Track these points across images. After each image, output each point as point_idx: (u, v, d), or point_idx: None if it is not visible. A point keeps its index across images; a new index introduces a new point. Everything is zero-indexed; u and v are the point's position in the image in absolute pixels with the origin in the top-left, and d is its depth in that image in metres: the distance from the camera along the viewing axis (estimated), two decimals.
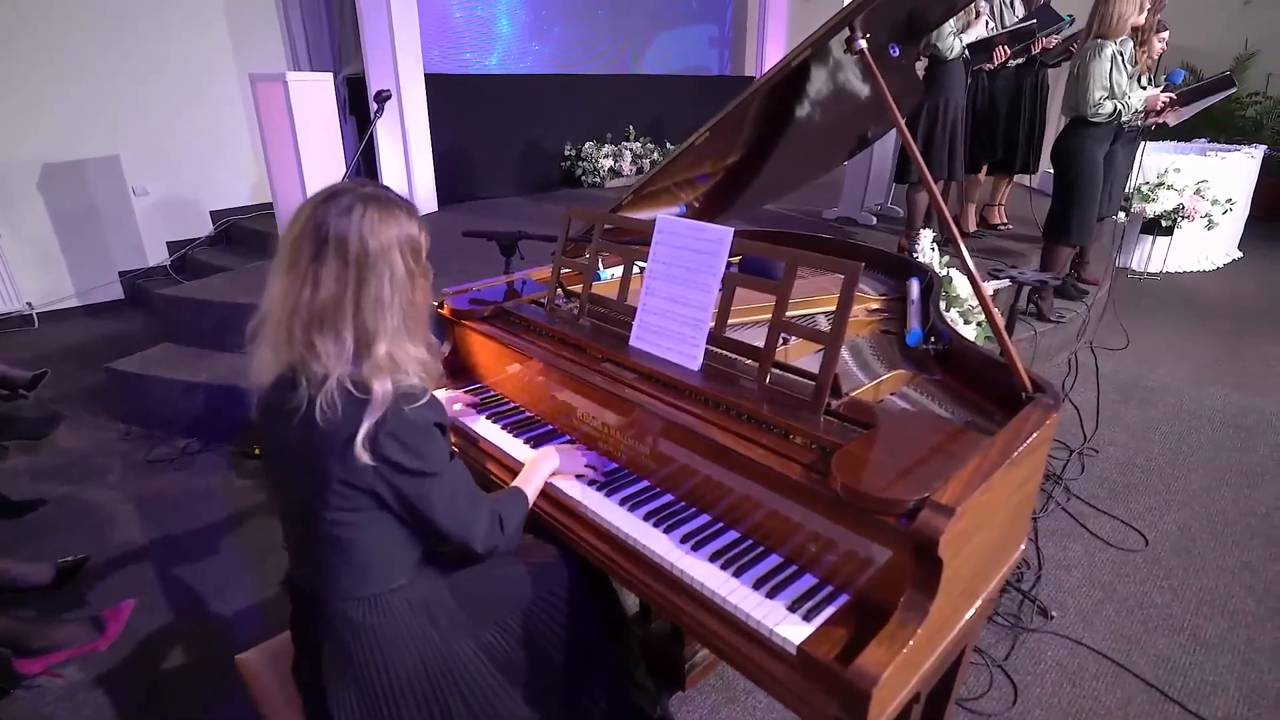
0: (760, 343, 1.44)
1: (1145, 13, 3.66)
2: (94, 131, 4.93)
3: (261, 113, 3.95)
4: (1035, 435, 1.24)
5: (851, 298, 1.31)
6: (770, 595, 1.20)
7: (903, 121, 1.54)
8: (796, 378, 1.46)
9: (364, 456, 1.08)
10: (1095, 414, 3.40)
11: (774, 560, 1.29)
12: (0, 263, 4.76)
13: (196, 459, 3.20)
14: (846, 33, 1.57)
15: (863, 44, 1.53)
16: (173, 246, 5.39)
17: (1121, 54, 3.57)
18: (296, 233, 1.12)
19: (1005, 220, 5.41)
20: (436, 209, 5.62)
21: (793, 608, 1.17)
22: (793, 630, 1.12)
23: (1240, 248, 6.44)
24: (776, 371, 1.46)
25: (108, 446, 3.34)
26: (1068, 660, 2.04)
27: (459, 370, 2.08)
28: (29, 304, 4.93)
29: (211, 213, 5.49)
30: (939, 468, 1.13)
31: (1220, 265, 6.15)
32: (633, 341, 1.63)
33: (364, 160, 5.82)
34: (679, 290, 1.55)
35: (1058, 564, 2.45)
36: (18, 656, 1.83)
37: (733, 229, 1.49)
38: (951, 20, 4.09)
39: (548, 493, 1.53)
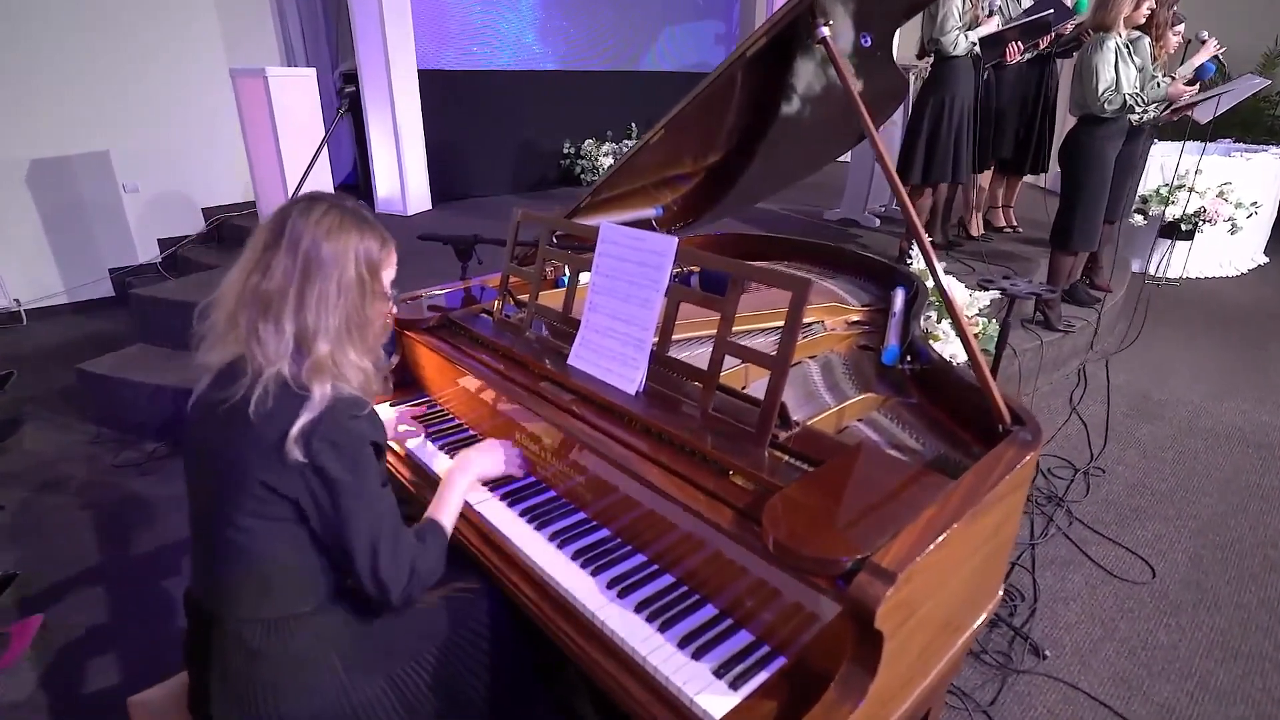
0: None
1: (1150, 6, 3.46)
2: (83, 127, 4.87)
3: (243, 108, 3.86)
4: (1008, 478, 1.08)
5: (799, 319, 1.16)
6: (697, 655, 1.06)
7: (872, 125, 1.38)
8: (742, 404, 1.31)
9: (295, 452, 1.05)
10: (1104, 430, 3.21)
11: (708, 612, 1.15)
12: None
13: (163, 464, 3.11)
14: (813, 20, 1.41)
15: (825, 32, 1.37)
16: (164, 244, 5.33)
17: (1128, 47, 3.36)
18: (262, 224, 1.17)
19: (1014, 223, 5.20)
20: (430, 207, 5.52)
21: (720, 672, 1.03)
22: (715, 701, 0.98)
23: (1266, 252, 6.17)
24: (724, 397, 1.31)
25: (75, 450, 3.26)
26: (1061, 707, 1.88)
27: (408, 383, 1.95)
28: (16, 301, 4.88)
29: (204, 210, 5.43)
30: (889, 519, 0.98)
31: (1244, 271, 5.89)
32: (571, 360, 1.49)
33: (359, 157, 5.74)
34: (620, 306, 1.41)
35: (1055, 596, 2.28)
36: None
37: (676, 239, 1.34)
38: (955, 15, 3.90)
39: (471, 519, 1.39)
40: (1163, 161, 5.11)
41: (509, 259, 1.76)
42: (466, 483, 1.39)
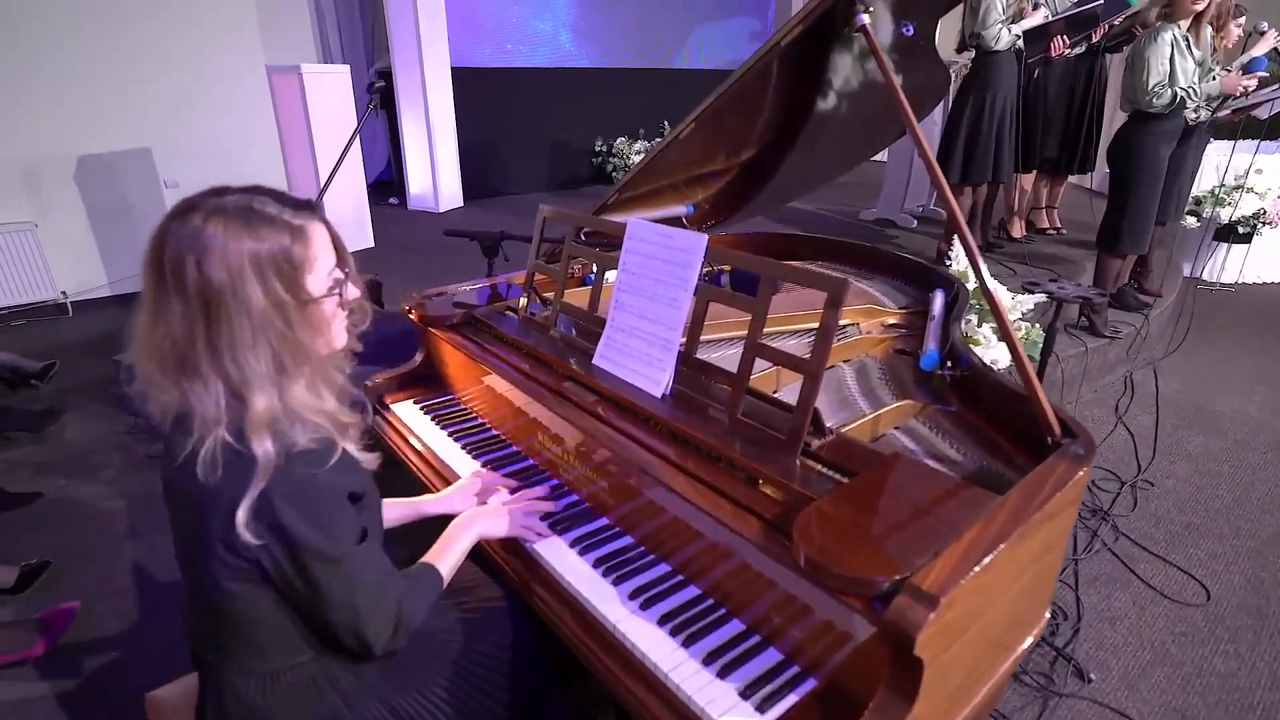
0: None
1: None
2: (127, 125, 4.97)
3: (278, 105, 3.89)
4: (1058, 495, 1.01)
5: (835, 321, 1.10)
6: (722, 674, 1.01)
7: (915, 120, 1.31)
8: (775, 409, 1.25)
9: (246, 535, 0.88)
10: (1153, 441, 3.07)
11: (734, 628, 1.09)
12: (37, 253, 4.83)
13: None
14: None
15: (864, 19, 1.31)
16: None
17: (1186, 39, 3.20)
18: (145, 256, 0.91)
19: (1058, 225, 5.03)
20: (462, 204, 5.53)
21: (746, 693, 0.97)
22: None
23: None
24: (754, 401, 1.25)
25: (112, 440, 3.31)
26: None
27: (431, 380, 1.93)
28: (63, 293, 5.00)
29: None
30: (929, 537, 0.92)
31: None
32: (596, 360, 1.44)
33: (394, 153, 5.78)
34: (648, 305, 1.36)
35: (1100, 615, 2.17)
36: None
37: (706, 236, 1.29)
38: (999, 7, 3.76)
39: None
40: (1218, 161, 4.89)
41: (534, 256, 1.72)
42: (471, 539, 1.26)
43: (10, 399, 3.48)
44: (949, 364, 1.53)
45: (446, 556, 1.21)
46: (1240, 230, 5.03)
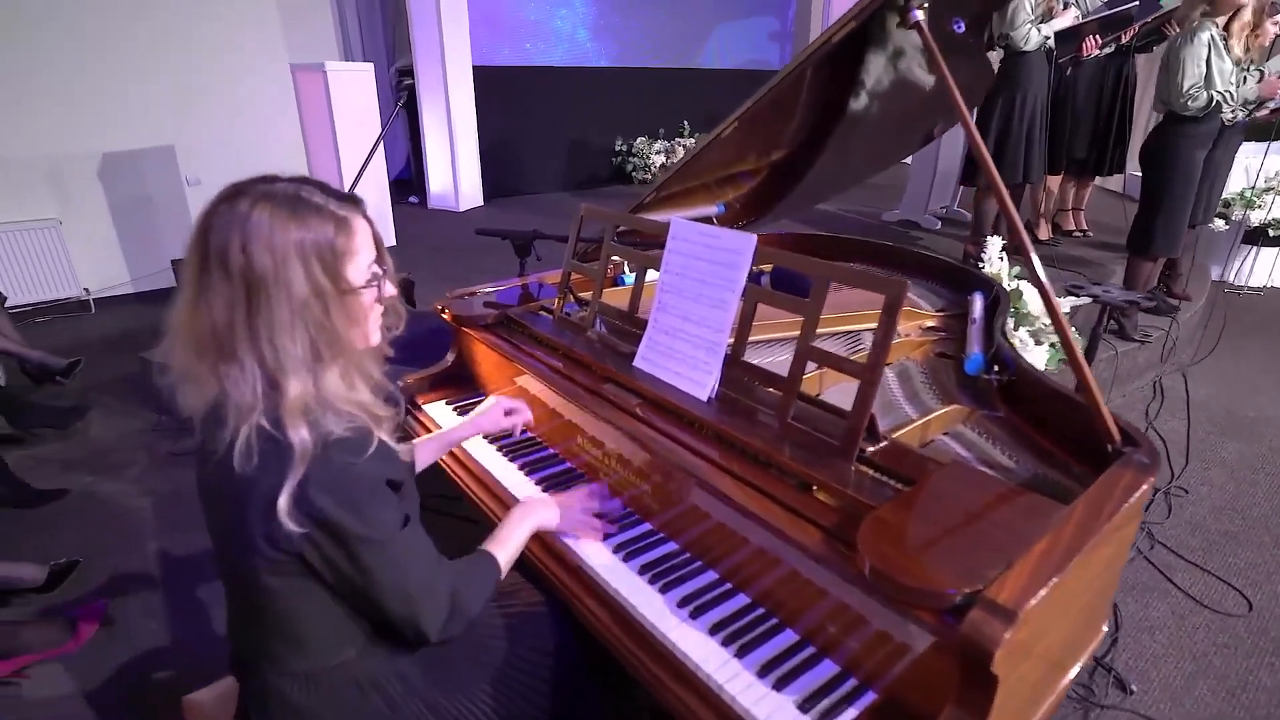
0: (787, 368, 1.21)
1: None
2: (150, 122, 5.00)
3: (302, 103, 3.90)
4: (1126, 506, 0.98)
5: (894, 323, 1.07)
6: (778, 686, 0.98)
7: (968, 114, 1.28)
8: (825, 414, 1.22)
9: (288, 523, 0.87)
10: (1185, 447, 3.01)
11: (788, 638, 1.07)
12: (61, 249, 4.86)
13: None
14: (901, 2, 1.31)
15: (919, 15, 1.28)
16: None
17: (1224, 38, 3.13)
18: (189, 240, 0.92)
19: (1085, 227, 4.96)
20: (482, 203, 5.53)
21: (805, 706, 0.95)
22: None
23: None
24: (803, 405, 1.23)
25: (136, 437, 3.32)
26: None
27: (463, 380, 1.92)
28: (86, 290, 5.03)
29: None
30: (998, 547, 0.89)
31: None
32: (638, 363, 1.42)
33: (414, 152, 5.79)
34: (692, 307, 1.34)
35: (1139, 625, 2.12)
36: None
37: (755, 236, 1.26)
38: (1026, 7, 3.71)
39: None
40: (1247, 163, 4.81)
41: (570, 255, 1.70)
42: (529, 528, 1.25)
43: (35, 395, 3.50)
44: (996, 368, 1.50)
45: (505, 545, 1.20)
46: (1270, 233, 4.94)
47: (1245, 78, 3.30)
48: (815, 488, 1.08)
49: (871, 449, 1.12)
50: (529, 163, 5.99)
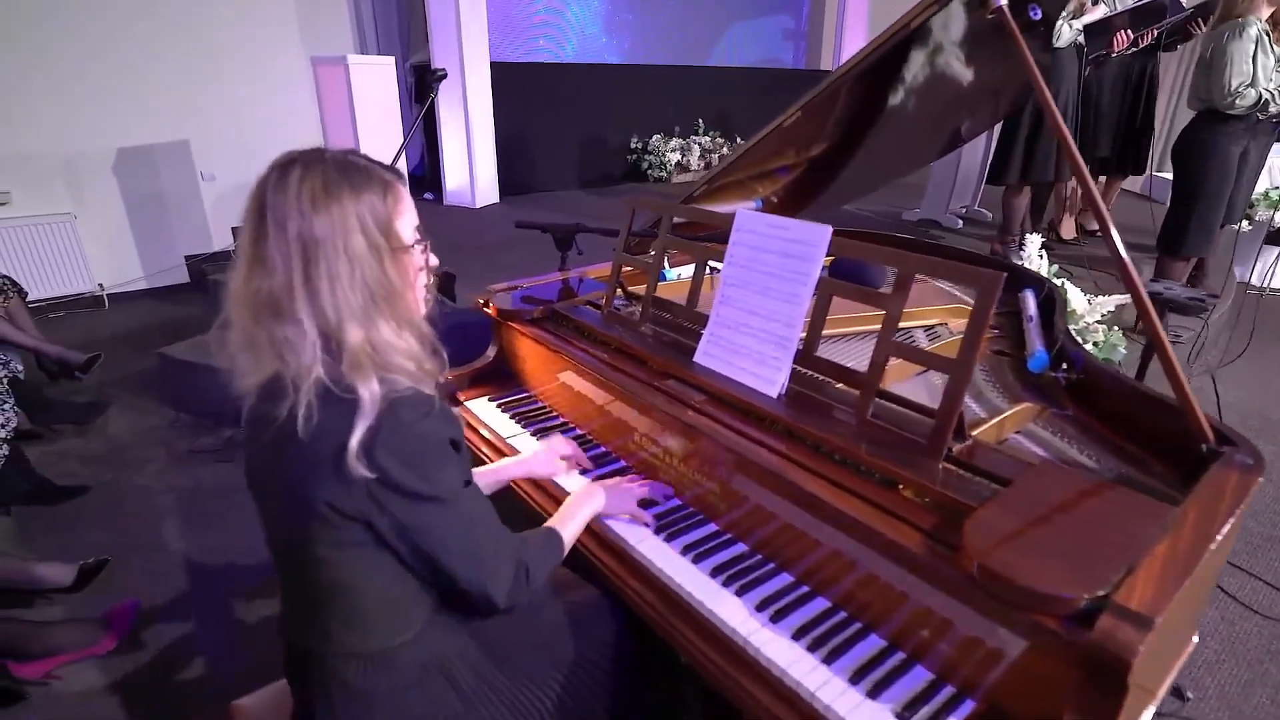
0: (855, 365, 1.17)
1: None
2: (166, 116, 4.96)
3: (322, 96, 3.86)
4: (1240, 508, 0.94)
5: (988, 317, 1.03)
6: (872, 694, 0.94)
7: (1050, 97, 1.24)
8: (904, 410, 1.18)
9: (359, 467, 0.88)
10: None
11: (875, 643, 1.03)
12: (75, 244, 4.82)
13: (240, 451, 3.10)
14: None
15: (1002, 1, 1.24)
16: (237, 232, 5.39)
17: (1269, 34, 3.08)
18: (245, 210, 0.95)
19: None
20: (498, 200, 5.49)
21: (904, 715, 0.91)
22: None
23: None
24: (879, 403, 1.19)
25: (155, 434, 3.28)
26: None
27: (504, 376, 1.88)
28: (100, 285, 5.00)
29: None
30: (1115, 549, 0.85)
31: None
32: (699, 358, 1.38)
33: (428, 148, 5.75)
34: (759, 301, 1.29)
35: None
36: (17, 661, 1.72)
37: (830, 227, 1.22)
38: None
39: (593, 528, 1.29)
40: (1273, 162, 4.76)
41: (621, 248, 1.66)
42: (593, 508, 1.26)
43: (53, 391, 3.46)
44: (1064, 365, 1.46)
45: (568, 523, 1.21)
46: None
47: None
48: (901, 486, 1.04)
49: (957, 448, 1.08)
50: (543, 160, 5.95)
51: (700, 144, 6.64)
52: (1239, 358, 3.97)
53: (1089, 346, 2.48)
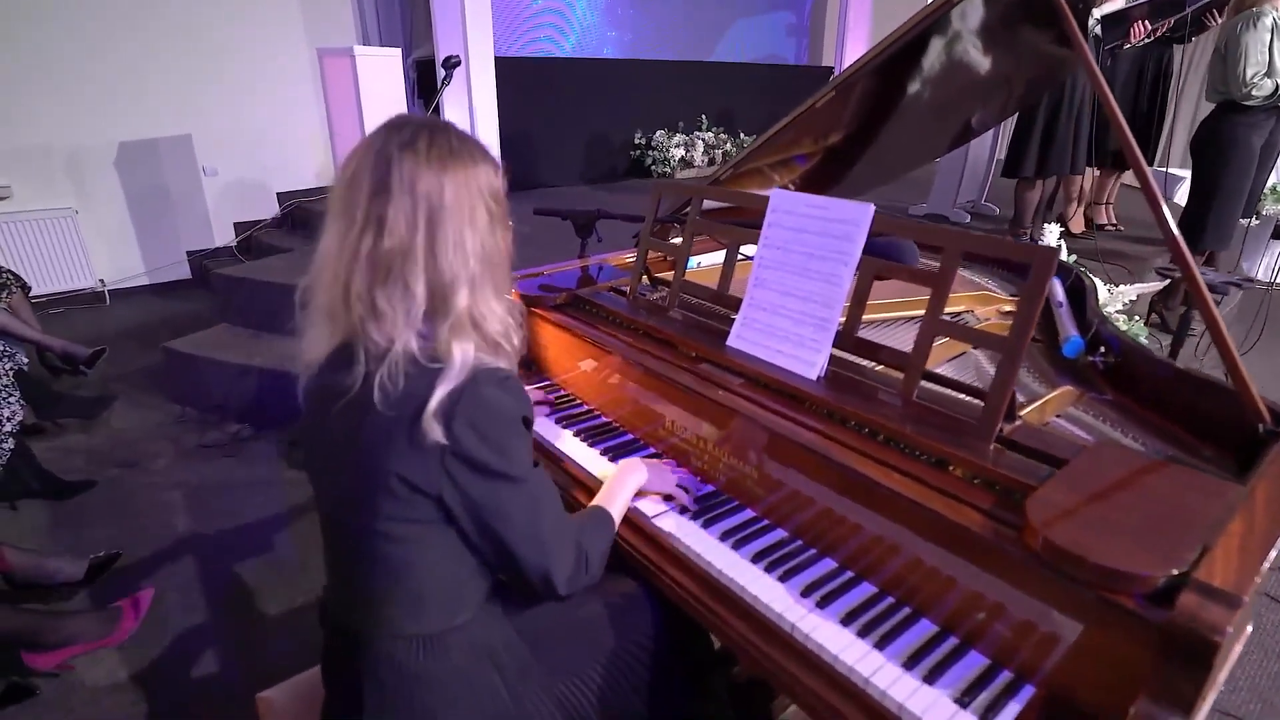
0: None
1: None
2: (167, 111, 4.92)
3: (328, 88, 3.82)
4: None
5: (1041, 295, 1.00)
6: (929, 679, 0.91)
7: (1101, 78, 1.22)
8: (947, 391, 1.16)
9: (435, 430, 0.87)
10: None
11: (926, 628, 1.00)
12: (77, 240, 4.78)
13: (247, 446, 3.07)
14: None
15: None
16: (239, 227, 5.36)
17: None
18: (353, 169, 0.93)
19: (1114, 220, 4.90)
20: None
21: (963, 700, 0.88)
22: None
23: None
24: (924, 385, 1.16)
25: (161, 429, 3.25)
26: None
27: (527, 364, 1.84)
28: (101, 281, 4.96)
29: (278, 194, 5.44)
30: (1185, 527, 0.82)
31: None
32: (732, 341, 1.35)
33: None
34: (797, 281, 1.27)
35: None
36: (30, 651, 1.68)
37: (872, 205, 1.19)
38: None
39: (627, 515, 1.26)
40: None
41: (648, 232, 1.63)
42: (636, 483, 1.25)
43: (58, 386, 3.42)
44: (1101, 350, 1.43)
45: (614, 500, 1.20)
46: None
47: None
48: (952, 466, 1.01)
49: (1008, 428, 1.06)
50: (548, 155, 5.92)
51: (704, 139, 6.61)
52: (1249, 351, 3.96)
53: None
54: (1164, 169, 4.65)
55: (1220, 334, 1.10)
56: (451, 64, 2.42)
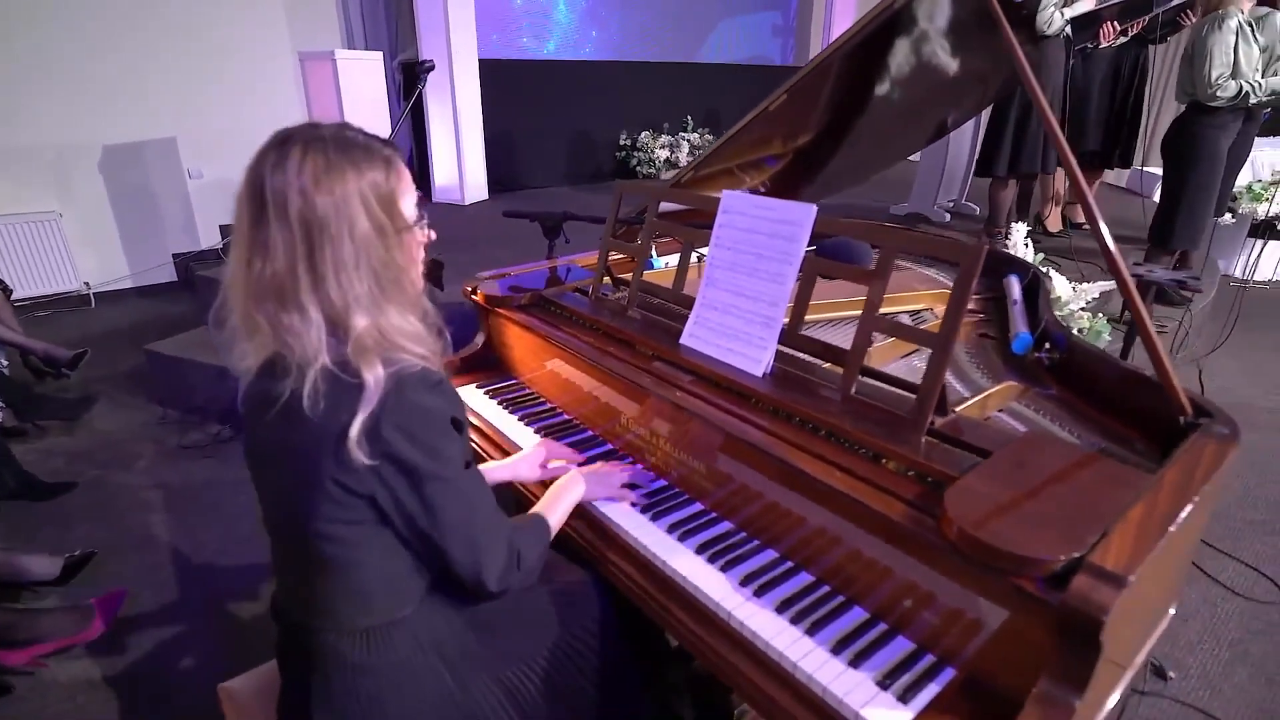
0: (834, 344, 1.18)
1: None
2: (152, 114, 4.93)
3: (310, 91, 3.85)
4: (1216, 475, 0.95)
5: (969, 289, 1.04)
6: (854, 664, 0.95)
7: (1036, 83, 1.26)
8: (887, 387, 1.19)
9: (359, 455, 0.88)
10: None
11: (858, 615, 1.04)
12: (61, 242, 4.79)
13: (227, 447, 3.09)
14: None
15: None
16: (225, 230, 5.37)
17: (1251, 25, 3.11)
18: (238, 194, 0.92)
19: None
20: (487, 196, 5.48)
21: (884, 682, 0.92)
22: (886, 716, 0.88)
23: None
24: (863, 380, 1.20)
25: (143, 430, 3.27)
26: None
27: (492, 364, 1.88)
28: (86, 284, 4.96)
29: None
30: (1091, 515, 0.86)
31: None
32: (685, 340, 1.39)
33: (415, 145, 5.73)
34: (746, 281, 1.30)
35: None
36: (2, 648, 1.71)
37: (814, 206, 1.23)
38: None
39: (581, 509, 1.30)
40: (1255, 155, 4.82)
41: (609, 234, 1.66)
42: (577, 494, 1.27)
43: (40, 388, 3.44)
44: (1046, 346, 1.47)
45: (554, 509, 1.22)
46: (1278, 226, 4.95)
47: (1277, 69, 3.26)
48: (885, 459, 1.05)
49: (940, 421, 1.09)
50: (533, 157, 5.95)
51: (689, 140, 6.65)
52: (1219, 348, 4.03)
53: (1073, 332, 2.50)
54: (1140, 168, 4.72)
55: (1146, 330, 1.14)
56: (424, 69, 2.45)
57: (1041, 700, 0.80)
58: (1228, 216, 5.00)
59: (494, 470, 1.40)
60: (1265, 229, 4.99)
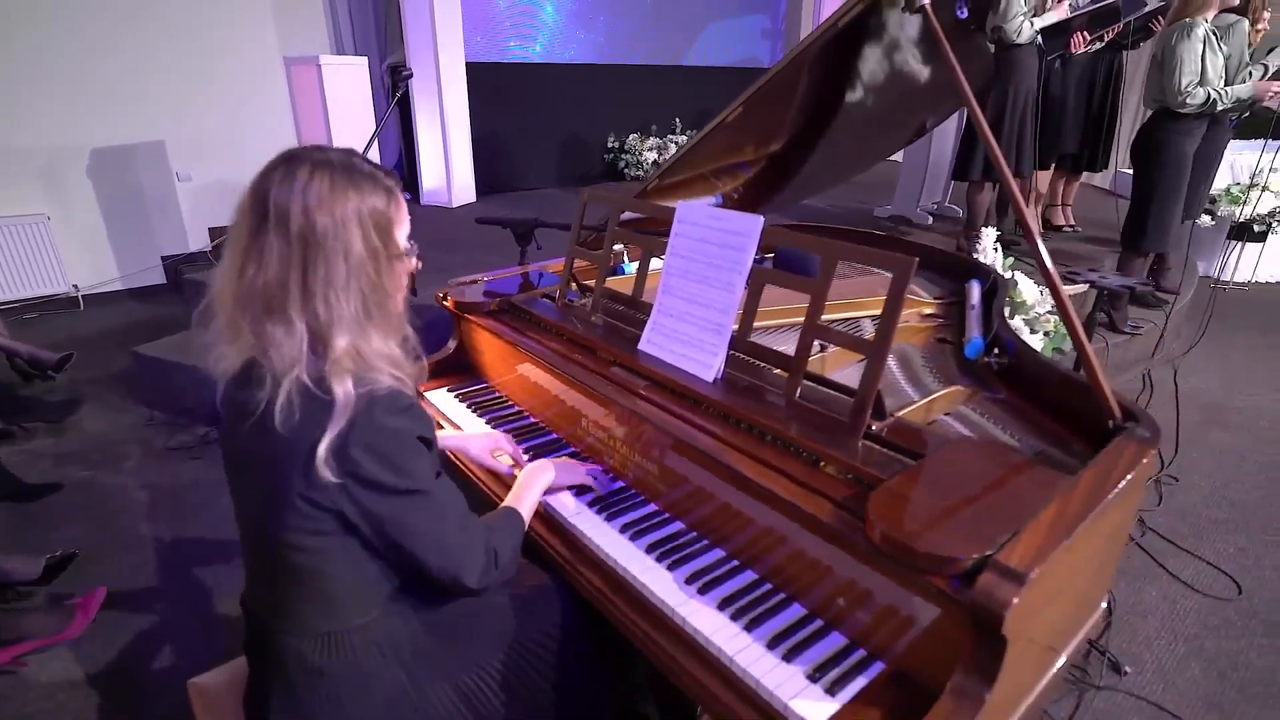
0: (792, 350, 1.22)
1: None
2: (141, 117, 4.96)
3: (295, 95, 3.89)
4: (1130, 476, 1.00)
5: (901, 300, 1.09)
6: (788, 657, 0.99)
7: (974, 99, 1.30)
8: (833, 393, 1.24)
9: (326, 473, 0.91)
10: (1175, 436, 3.05)
11: (796, 612, 1.08)
12: (50, 245, 4.81)
13: (214, 448, 3.13)
14: None
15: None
16: (214, 232, 5.41)
17: (1217, 33, 3.17)
18: (241, 203, 0.97)
19: (1072, 222, 5.01)
20: (475, 199, 5.52)
21: (814, 675, 0.96)
22: (812, 708, 0.92)
23: None
24: (809, 385, 1.24)
25: (130, 432, 3.30)
26: None
27: (463, 368, 1.92)
28: (75, 286, 4.99)
29: None
30: (1006, 516, 0.90)
31: None
32: (643, 346, 1.43)
33: (404, 148, 5.77)
34: (698, 289, 1.35)
35: (1131, 609, 2.16)
36: None
37: (763, 217, 1.27)
38: (1020, 0, 3.74)
39: (539, 509, 1.34)
40: (1234, 159, 4.88)
41: (574, 242, 1.71)
42: (545, 482, 1.32)
43: (25, 390, 3.47)
44: (995, 351, 1.52)
45: (523, 499, 1.26)
46: (1256, 229, 5.01)
47: (1244, 76, 3.33)
48: (823, 463, 1.10)
49: (877, 425, 1.14)
50: (521, 159, 5.99)
51: (677, 143, 6.70)
52: (1194, 347, 4.08)
53: (1040, 336, 2.55)
54: (1117, 170, 4.77)
55: (1076, 333, 1.19)
56: (403, 76, 2.49)
57: (955, 692, 0.84)
58: (1207, 219, 5.06)
59: (447, 438, 1.46)
60: (1243, 231, 5.06)
